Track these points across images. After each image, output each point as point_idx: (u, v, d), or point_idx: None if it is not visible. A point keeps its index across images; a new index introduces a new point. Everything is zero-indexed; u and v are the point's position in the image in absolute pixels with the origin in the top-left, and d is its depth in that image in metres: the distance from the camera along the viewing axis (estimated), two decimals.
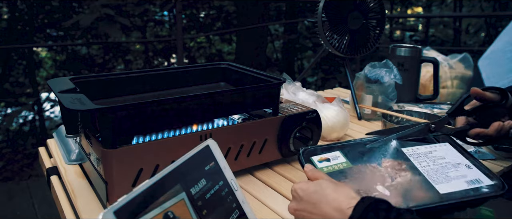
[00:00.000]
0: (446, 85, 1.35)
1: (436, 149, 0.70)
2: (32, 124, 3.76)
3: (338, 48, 1.16)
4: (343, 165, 0.66)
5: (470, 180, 0.62)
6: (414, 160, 0.66)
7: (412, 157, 0.67)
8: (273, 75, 0.79)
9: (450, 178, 0.62)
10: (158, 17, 4.67)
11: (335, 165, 0.66)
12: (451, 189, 0.60)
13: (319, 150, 0.69)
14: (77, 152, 0.81)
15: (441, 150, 0.70)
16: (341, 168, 0.66)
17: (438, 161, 0.67)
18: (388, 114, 1.03)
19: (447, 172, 0.64)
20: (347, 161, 0.67)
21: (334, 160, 0.67)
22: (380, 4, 1.18)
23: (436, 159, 0.67)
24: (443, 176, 0.63)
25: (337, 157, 0.68)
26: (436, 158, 0.67)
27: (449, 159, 0.67)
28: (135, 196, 0.40)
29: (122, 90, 0.81)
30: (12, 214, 2.41)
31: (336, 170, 0.65)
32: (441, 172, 0.64)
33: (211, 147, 0.53)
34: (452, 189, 0.60)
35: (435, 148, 0.70)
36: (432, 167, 0.65)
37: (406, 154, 0.68)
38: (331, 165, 0.66)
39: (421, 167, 0.65)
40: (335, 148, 0.70)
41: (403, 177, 0.63)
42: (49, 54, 4.77)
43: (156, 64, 4.58)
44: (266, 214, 0.65)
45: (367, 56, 1.46)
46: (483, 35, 6.02)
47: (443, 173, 0.63)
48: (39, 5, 3.83)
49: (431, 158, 0.67)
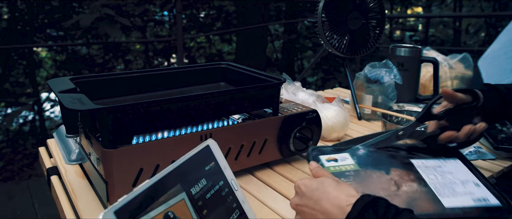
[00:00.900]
0: (446, 85, 1.35)
1: (446, 163, 0.70)
2: (32, 124, 3.76)
3: (338, 48, 1.16)
4: (350, 167, 0.66)
5: (477, 198, 0.60)
6: (422, 172, 0.66)
7: (420, 169, 0.67)
8: (273, 75, 0.79)
9: (457, 193, 0.61)
10: (158, 17, 4.66)
11: (342, 166, 0.66)
12: (456, 204, 0.58)
13: (329, 150, 0.69)
14: (77, 152, 0.81)
15: (450, 165, 0.69)
16: (348, 169, 0.65)
17: (446, 175, 0.66)
18: (388, 114, 1.03)
19: (454, 187, 0.63)
20: (355, 164, 0.67)
21: (342, 161, 0.67)
22: (380, 4, 1.18)
23: (445, 174, 0.66)
24: (450, 190, 0.62)
25: (345, 158, 0.68)
26: (444, 173, 0.66)
27: (457, 175, 0.66)
28: (135, 196, 0.40)
29: (122, 90, 0.81)
30: (12, 214, 2.41)
31: (342, 170, 0.65)
32: (448, 186, 0.63)
33: (211, 147, 0.53)
34: (457, 204, 0.58)
35: (444, 162, 0.70)
36: (440, 181, 0.64)
37: (415, 165, 0.68)
38: (338, 165, 0.66)
39: (428, 180, 0.64)
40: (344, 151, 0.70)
41: (409, 187, 0.62)
42: (49, 54, 4.77)
43: (156, 64, 4.58)
44: (266, 214, 0.65)
45: (367, 56, 1.46)
46: (483, 35, 6.02)
47: (450, 188, 0.62)
48: (39, 5, 3.83)
49: (439, 172, 0.66)
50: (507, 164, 0.85)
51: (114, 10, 2.96)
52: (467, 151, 0.88)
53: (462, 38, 6.22)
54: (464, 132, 0.67)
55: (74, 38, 3.75)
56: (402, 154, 0.71)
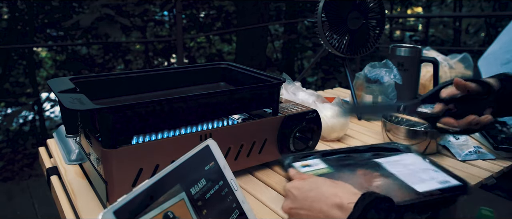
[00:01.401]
0: None
1: (404, 158, 0.75)
2: (32, 124, 3.76)
3: (338, 48, 1.16)
4: (324, 170, 0.68)
5: (440, 181, 0.65)
6: (389, 167, 0.70)
7: (386, 165, 0.71)
8: (273, 75, 0.79)
9: (424, 179, 0.66)
10: (158, 17, 4.67)
11: (317, 170, 0.68)
12: (427, 188, 0.63)
13: (299, 158, 0.72)
14: (77, 152, 0.81)
15: (409, 158, 0.74)
16: (323, 172, 0.68)
17: (409, 167, 0.71)
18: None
19: (420, 175, 0.67)
20: (327, 167, 0.69)
21: (315, 166, 0.70)
22: (380, 4, 1.18)
23: (407, 166, 0.71)
24: (417, 178, 0.66)
25: (317, 163, 0.71)
26: (406, 165, 0.71)
27: (417, 166, 0.71)
28: (135, 196, 0.40)
29: (122, 90, 0.81)
30: (12, 214, 2.41)
31: (319, 174, 0.67)
32: (414, 175, 0.67)
33: (211, 147, 0.53)
34: (428, 188, 0.63)
35: (403, 157, 0.75)
36: (406, 172, 0.68)
37: (379, 162, 0.72)
38: (313, 170, 0.68)
39: (396, 172, 0.68)
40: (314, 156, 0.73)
41: (383, 181, 0.66)
42: (49, 54, 4.77)
43: (156, 64, 4.58)
44: (266, 214, 0.65)
45: (367, 56, 1.46)
46: (483, 35, 6.02)
47: (416, 176, 0.67)
48: (39, 5, 3.83)
49: (402, 165, 0.71)
50: (507, 164, 0.85)
51: (114, 10, 2.96)
52: (467, 151, 0.88)
53: (462, 38, 6.23)
54: (465, 121, 0.66)
55: (74, 38, 3.75)
56: (366, 156, 0.75)
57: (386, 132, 0.95)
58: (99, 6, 2.79)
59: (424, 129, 0.91)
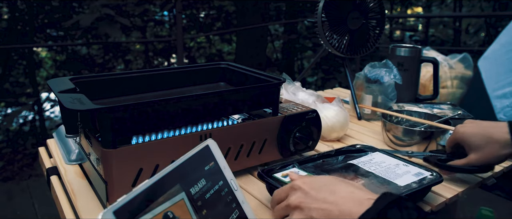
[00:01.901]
0: (446, 85, 1.35)
1: (373, 157, 0.77)
2: (32, 124, 3.76)
3: (338, 48, 1.16)
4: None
5: (414, 174, 0.69)
6: (365, 167, 0.72)
7: (361, 165, 0.73)
8: (273, 75, 0.79)
9: (400, 174, 0.69)
10: (158, 17, 4.67)
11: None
12: (406, 182, 0.66)
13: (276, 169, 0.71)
14: (77, 152, 0.81)
15: (378, 157, 0.77)
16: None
17: (382, 164, 0.73)
18: (388, 114, 1.03)
19: (395, 171, 0.70)
20: (308, 174, 0.69)
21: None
22: (380, 4, 1.18)
23: (380, 163, 0.74)
24: (394, 174, 0.69)
25: (297, 171, 0.71)
26: (379, 163, 0.74)
27: (388, 163, 0.74)
28: (134, 196, 0.40)
29: (122, 90, 0.81)
30: (12, 214, 2.41)
31: None
32: (390, 172, 0.70)
33: (211, 147, 0.53)
34: (407, 182, 0.66)
35: (372, 156, 0.77)
36: (382, 169, 0.71)
37: (354, 163, 0.74)
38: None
39: (374, 171, 0.70)
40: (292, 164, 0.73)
41: (365, 180, 0.67)
42: (49, 54, 4.77)
43: (156, 64, 4.58)
44: (266, 214, 0.65)
45: (367, 56, 1.46)
46: (483, 35, 6.02)
47: (392, 172, 0.70)
48: (39, 5, 3.83)
49: (375, 164, 0.74)
50: (507, 164, 0.85)
51: (114, 10, 2.96)
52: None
53: (462, 38, 6.23)
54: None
55: (74, 38, 3.75)
56: (340, 160, 0.76)
57: (386, 132, 0.95)
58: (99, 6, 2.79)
59: (424, 129, 0.91)
